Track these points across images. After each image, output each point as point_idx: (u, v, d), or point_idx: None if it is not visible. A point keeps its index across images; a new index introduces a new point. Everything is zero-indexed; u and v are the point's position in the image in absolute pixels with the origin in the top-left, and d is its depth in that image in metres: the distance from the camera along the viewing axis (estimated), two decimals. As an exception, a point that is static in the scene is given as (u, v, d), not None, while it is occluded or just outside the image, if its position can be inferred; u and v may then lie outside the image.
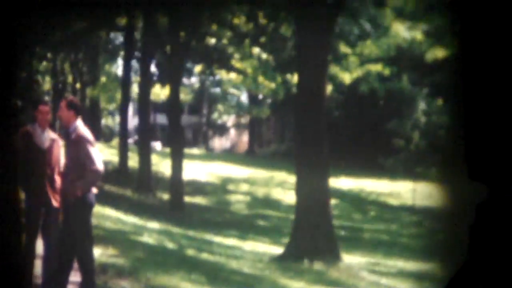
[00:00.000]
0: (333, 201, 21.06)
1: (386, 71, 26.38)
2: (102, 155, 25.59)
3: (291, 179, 20.47)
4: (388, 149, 26.17)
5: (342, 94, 26.77)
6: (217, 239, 20.13)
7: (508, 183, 3.79)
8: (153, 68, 30.68)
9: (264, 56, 28.73)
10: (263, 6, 28.08)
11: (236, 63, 29.46)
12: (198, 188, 25.58)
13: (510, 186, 3.79)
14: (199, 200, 24.81)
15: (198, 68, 32.40)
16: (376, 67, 26.54)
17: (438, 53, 25.89)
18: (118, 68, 35.71)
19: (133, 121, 33.31)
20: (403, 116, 26.36)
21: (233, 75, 30.23)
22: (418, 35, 26.26)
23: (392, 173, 26.49)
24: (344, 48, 26.92)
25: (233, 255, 18.42)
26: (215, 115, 33.68)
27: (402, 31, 26.46)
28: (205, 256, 17.89)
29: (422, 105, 26.52)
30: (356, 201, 24.71)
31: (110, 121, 33.89)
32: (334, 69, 26.16)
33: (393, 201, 25.10)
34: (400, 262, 19.11)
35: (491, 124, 3.73)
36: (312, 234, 19.26)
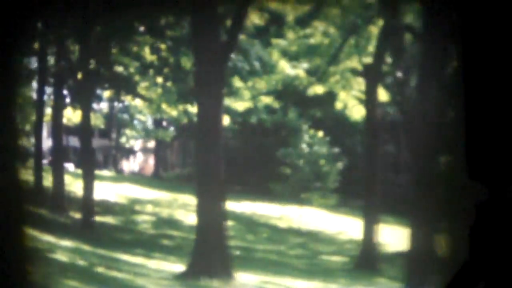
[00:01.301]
0: (228, 223, 21.18)
1: (275, 104, 26.82)
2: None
3: (193, 201, 20.55)
4: (277, 175, 26.45)
5: (237, 125, 27.04)
6: (125, 257, 19.98)
7: (508, 183, 3.57)
8: (65, 93, 30.28)
9: (168, 85, 28.85)
10: (165, 40, 28.21)
11: (142, 90, 29.47)
12: (108, 208, 25.40)
13: (510, 186, 3.57)
14: (108, 219, 24.61)
15: (107, 94, 32.25)
16: (267, 100, 26.94)
17: (318, 89, 26.48)
18: (33, 91, 35.12)
19: (47, 142, 32.87)
20: (289, 145, 26.73)
21: (139, 102, 30.21)
22: (301, 72, 26.77)
23: (280, 198, 26.77)
24: (237, 82, 27.26)
25: (139, 273, 18.40)
26: (123, 139, 33.53)
27: (287, 69, 26.95)
28: (113, 273, 17.83)
29: (305, 137, 26.92)
30: (249, 223, 24.89)
31: (26, 142, 33.35)
32: (229, 101, 26.43)
33: (282, 224, 25.33)
34: (288, 280, 19.31)
35: (492, 124, 3.53)
36: (210, 253, 19.44)
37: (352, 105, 25.95)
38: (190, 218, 22.25)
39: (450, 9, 22.92)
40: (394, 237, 22.55)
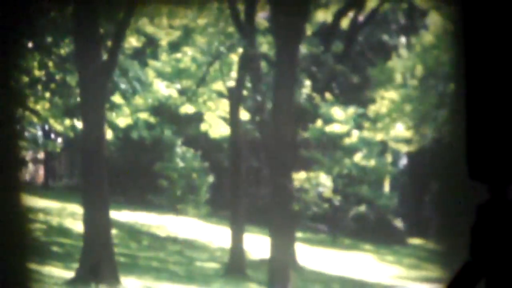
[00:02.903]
0: (113, 231, 20.73)
1: (152, 120, 26.34)
2: None
3: (80, 210, 20.04)
4: (155, 187, 26.05)
5: (119, 139, 26.41)
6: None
7: (510, 183, 3.21)
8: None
9: (55, 99, 27.87)
10: (51, 57, 27.32)
11: (31, 104, 28.36)
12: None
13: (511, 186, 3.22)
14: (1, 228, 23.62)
15: (-2, 106, 30.87)
16: (144, 116, 26.41)
17: (188, 108, 26.23)
18: None
19: None
20: (165, 160, 26.38)
21: (29, 114, 29.02)
22: (174, 92, 26.45)
23: (159, 208, 26.35)
24: (119, 99, 26.60)
25: (33, 278, 17.86)
26: (14, 150, 32.14)
27: (161, 88, 26.57)
28: (9, 278, 17.22)
29: (180, 152, 26.59)
30: (132, 232, 24.37)
31: None
32: (111, 116, 25.78)
33: (161, 233, 24.90)
34: (167, 285, 19.13)
35: (493, 122, 3.16)
36: (97, 260, 19.06)
37: (217, 124, 25.86)
38: (78, 226, 21.60)
39: (299, 41, 23.36)
40: (258, 245, 22.60)
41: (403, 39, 29.07)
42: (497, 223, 3.18)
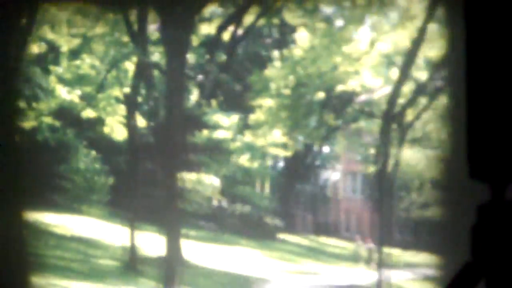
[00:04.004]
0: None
1: (56, 123, 25.62)
2: None
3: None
4: (58, 188, 25.39)
5: (25, 142, 25.46)
6: None
7: (510, 182, 2.98)
8: None
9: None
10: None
11: None
12: None
13: None
14: None
15: None
16: (48, 120, 25.66)
17: (89, 113, 25.68)
18: None
19: None
20: (68, 162, 25.75)
21: None
22: (75, 97, 25.76)
23: (61, 209, 25.66)
24: (22, 104, 25.65)
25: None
26: None
27: (63, 93, 25.85)
28: None
29: (81, 154, 26.00)
30: (36, 231, 23.62)
31: None
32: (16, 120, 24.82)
33: (64, 232, 24.28)
34: (69, 282, 18.85)
35: (494, 121, 2.94)
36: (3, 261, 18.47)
37: (116, 128, 25.45)
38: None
39: (186, 51, 23.31)
40: (154, 243, 22.45)
41: (277, 52, 29.49)
42: (497, 223, 2.99)
